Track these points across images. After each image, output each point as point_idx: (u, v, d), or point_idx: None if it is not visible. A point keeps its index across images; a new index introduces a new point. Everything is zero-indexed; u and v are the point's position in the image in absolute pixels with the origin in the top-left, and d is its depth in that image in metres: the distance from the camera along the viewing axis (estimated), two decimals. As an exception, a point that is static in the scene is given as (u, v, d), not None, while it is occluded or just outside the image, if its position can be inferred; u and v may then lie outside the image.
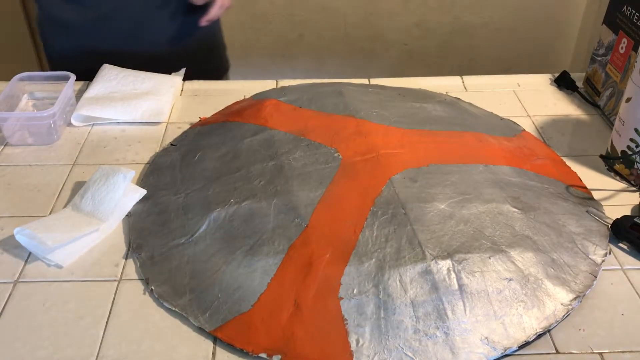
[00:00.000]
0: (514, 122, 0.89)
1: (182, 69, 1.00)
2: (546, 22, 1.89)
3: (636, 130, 0.75)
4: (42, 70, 1.72)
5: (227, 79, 1.22)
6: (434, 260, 0.61)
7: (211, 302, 0.60)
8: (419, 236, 0.63)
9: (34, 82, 0.91)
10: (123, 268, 0.65)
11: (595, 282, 0.63)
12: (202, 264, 0.64)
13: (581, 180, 0.78)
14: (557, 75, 1.01)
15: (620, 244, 0.68)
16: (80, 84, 0.98)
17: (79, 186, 0.76)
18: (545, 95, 0.98)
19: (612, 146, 0.79)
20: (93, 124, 0.89)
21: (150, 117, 0.89)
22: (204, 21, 1.03)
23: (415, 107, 0.87)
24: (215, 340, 0.58)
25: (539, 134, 0.88)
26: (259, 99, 0.91)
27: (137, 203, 0.73)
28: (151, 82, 0.95)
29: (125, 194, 0.71)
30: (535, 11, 1.86)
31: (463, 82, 1.01)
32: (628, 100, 0.76)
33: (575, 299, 0.61)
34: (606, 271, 0.65)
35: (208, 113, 0.91)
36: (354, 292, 0.59)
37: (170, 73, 0.99)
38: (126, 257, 0.67)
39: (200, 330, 0.58)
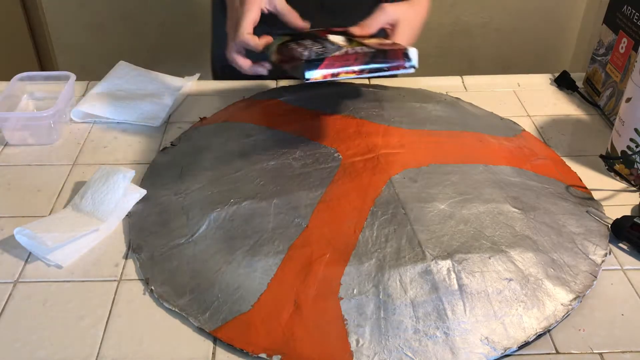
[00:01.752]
0: (514, 122, 0.89)
1: (197, 74, 1.00)
2: (546, 22, 1.89)
3: (636, 130, 0.75)
4: (42, 70, 1.73)
5: None
6: (434, 261, 0.61)
7: (211, 302, 0.60)
8: (419, 236, 0.63)
9: (34, 82, 0.91)
10: (123, 268, 0.65)
11: (595, 282, 0.63)
12: (202, 264, 0.64)
13: (581, 180, 0.78)
14: (557, 75, 1.01)
15: (620, 244, 0.68)
16: (80, 83, 0.98)
17: (79, 186, 0.76)
18: (545, 95, 0.98)
19: (612, 146, 0.79)
20: (94, 122, 0.89)
21: (145, 119, 0.89)
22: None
23: (415, 107, 0.87)
24: (215, 340, 0.58)
25: (539, 134, 0.88)
26: (259, 99, 0.91)
27: (137, 203, 0.73)
28: (158, 84, 0.95)
29: (125, 194, 0.71)
30: (535, 11, 1.87)
31: (463, 82, 1.01)
32: (628, 100, 0.76)
33: (575, 299, 0.61)
34: (606, 271, 0.65)
35: (208, 113, 0.91)
36: (354, 292, 0.59)
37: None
38: (126, 257, 0.67)
39: (200, 330, 0.58)
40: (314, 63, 0.65)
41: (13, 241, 0.67)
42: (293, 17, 0.79)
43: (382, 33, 0.82)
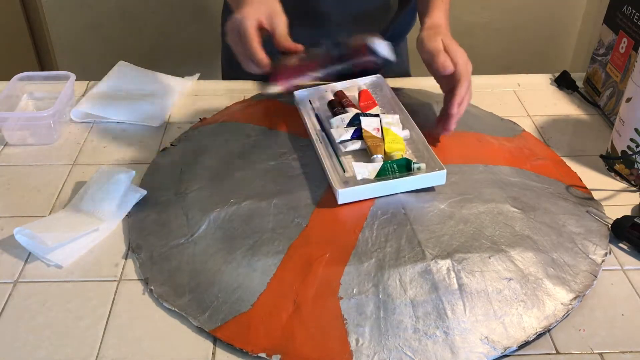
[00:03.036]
0: (514, 123, 0.89)
1: (196, 74, 1.00)
2: (546, 22, 1.89)
3: (636, 130, 0.75)
4: (42, 70, 1.73)
5: None
6: (433, 260, 0.61)
7: (211, 302, 0.60)
8: (419, 236, 0.63)
9: (34, 82, 0.91)
10: (123, 268, 0.65)
11: (595, 282, 0.63)
12: (201, 264, 0.64)
13: (581, 180, 0.78)
14: (557, 75, 1.01)
15: (620, 244, 0.68)
16: (80, 83, 0.98)
17: (79, 186, 0.76)
18: (545, 95, 0.98)
19: (612, 146, 0.79)
20: (94, 122, 0.89)
21: (145, 120, 0.89)
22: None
23: (416, 107, 0.87)
24: (215, 340, 0.58)
25: (539, 134, 0.88)
26: (259, 99, 0.91)
27: (137, 203, 0.73)
28: (158, 84, 0.95)
29: (125, 194, 0.71)
30: (535, 11, 1.86)
31: (463, 82, 1.01)
32: (628, 100, 0.76)
33: (575, 298, 0.61)
34: (606, 271, 0.65)
35: (208, 113, 0.91)
36: (354, 291, 0.59)
37: None
38: (126, 257, 0.67)
39: (200, 330, 0.58)
40: (269, 76, 0.64)
41: (13, 241, 0.67)
42: (288, 43, 0.74)
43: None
